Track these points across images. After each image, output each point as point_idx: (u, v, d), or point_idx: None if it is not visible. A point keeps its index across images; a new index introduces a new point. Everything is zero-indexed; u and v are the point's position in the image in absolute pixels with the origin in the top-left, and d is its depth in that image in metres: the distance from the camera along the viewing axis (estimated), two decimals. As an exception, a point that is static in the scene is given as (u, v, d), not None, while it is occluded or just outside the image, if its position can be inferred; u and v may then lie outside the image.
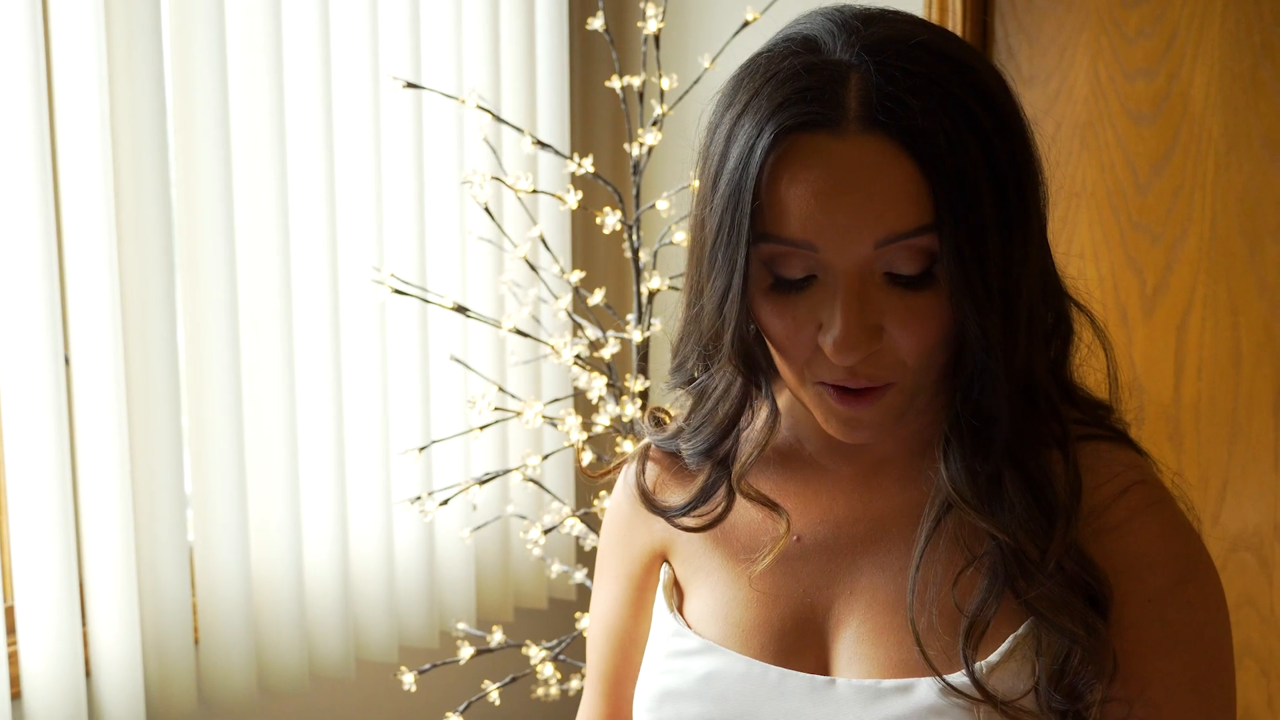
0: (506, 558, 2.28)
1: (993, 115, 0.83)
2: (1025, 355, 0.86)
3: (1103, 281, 2.06)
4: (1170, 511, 0.91)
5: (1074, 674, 0.86)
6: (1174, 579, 0.89)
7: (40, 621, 1.69)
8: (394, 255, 2.04)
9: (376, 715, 2.11)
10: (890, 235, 0.82)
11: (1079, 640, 0.85)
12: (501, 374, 2.18)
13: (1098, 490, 0.90)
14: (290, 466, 1.93)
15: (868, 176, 0.81)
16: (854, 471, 0.96)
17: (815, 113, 0.82)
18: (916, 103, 0.81)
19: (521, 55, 2.22)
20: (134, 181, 1.74)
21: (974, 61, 0.85)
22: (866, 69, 0.82)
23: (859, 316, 0.83)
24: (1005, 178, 0.83)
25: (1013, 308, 0.85)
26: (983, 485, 0.87)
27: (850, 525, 0.95)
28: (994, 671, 0.87)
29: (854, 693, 0.90)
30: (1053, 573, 0.86)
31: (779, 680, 0.92)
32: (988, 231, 0.82)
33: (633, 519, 1.04)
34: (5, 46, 1.60)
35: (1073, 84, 2.05)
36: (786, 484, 0.98)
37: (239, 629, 1.89)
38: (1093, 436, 0.94)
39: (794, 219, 0.83)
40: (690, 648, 0.96)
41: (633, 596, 1.05)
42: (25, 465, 1.67)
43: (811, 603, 0.94)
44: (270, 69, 1.86)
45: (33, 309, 1.65)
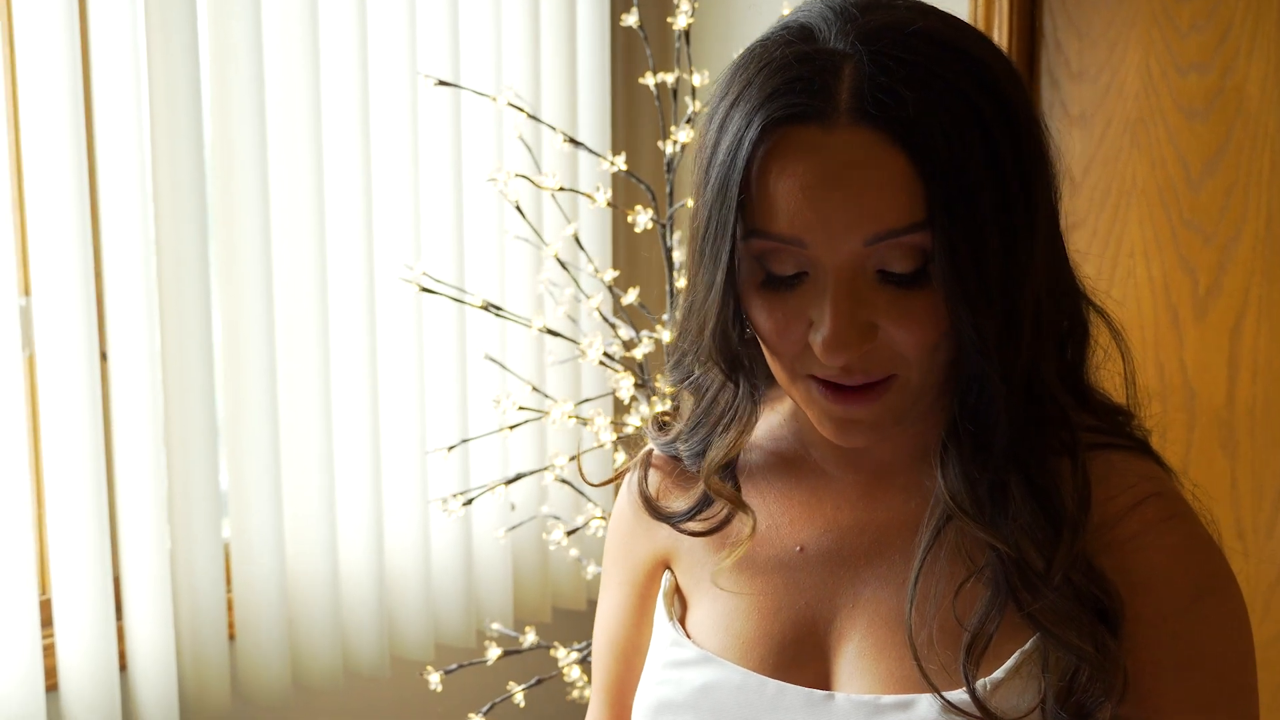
0: (544, 558, 2.27)
1: (997, 107, 0.79)
2: (1029, 359, 0.83)
3: (1153, 282, 2.00)
4: (1188, 526, 0.87)
5: (1081, 692, 0.82)
6: (1190, 596, 0.85)
7: (76, 615, 1.71)
8: (430, 254, 2.04)
9: (410, 713, 2.11)
10: (881, 232, 0.79)
11: (1086, 657, 0.82)
12: (540, 374, 2.17)
13: (1111, 502, 0.86)
14: (326, 464, 1.94)
15: (858, 171, 0.78)
16: (859, 480, 0.93)
17: (804, 104, 0.79)
18: (911, 94, 0.77)
19: (562, 52, 2.20)
20: (171, 180, 1.76)
21: (979, 50, 0.81)
22: (860, 59, 0.79)
23: (849, 315, 0.80)
24: (1008, 173, 0.79)
25: (1014, 309, 0.81)
26: (983, 494, 0.84)
27: (855, 535, 0.92)
28: (999, 688, 0.84)
29: (853, 708, 0.87)
30: (1059, 586, 0.82)
31: (777, 693, 0.89)
32: (987, 229, 0.79)
33: (635, 527, 1.02)
34: (44, 47, 1.62)
35: (1123, 79, 2.00)
36: (792, 492, 0.96)
37: (274, 625, 1.90)
38: (1108, 445, 0.90)
39: (782, 214, 0.80)
40: (688, 658, 0.94)
41: (635, 605, 1.03)
42: (62, 460, 1.69)
43: (813, 615, 0.92)
44: (307, 68, 1.87)
45: (70, 306, 1.67)
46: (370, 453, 1.99)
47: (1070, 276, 0.91)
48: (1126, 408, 0.96)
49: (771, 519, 0.95)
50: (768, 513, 0.96)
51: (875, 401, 0.84)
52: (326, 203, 1.92)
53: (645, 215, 1.68)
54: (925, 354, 0.82)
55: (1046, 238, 0.84)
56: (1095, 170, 2.03)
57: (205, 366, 1.81)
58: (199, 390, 1.81)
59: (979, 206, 0.78)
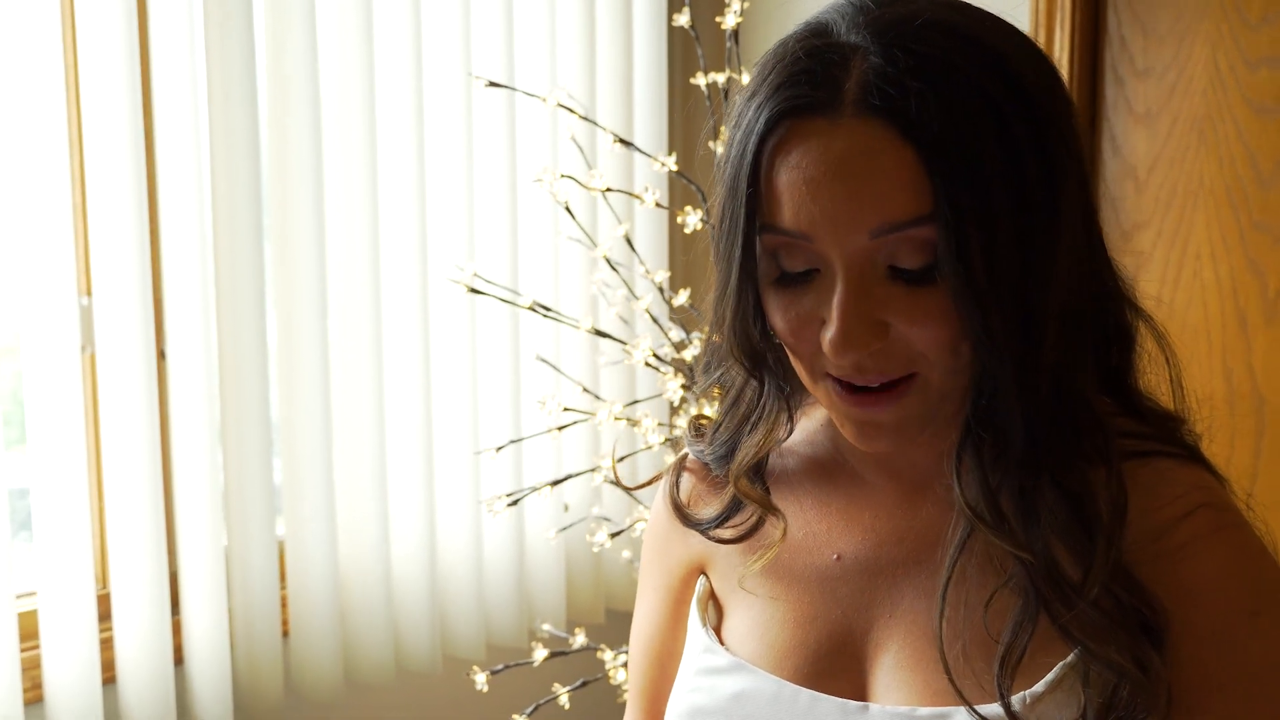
0: (597, 560, 2.27)
1: (1017, 100, 0.77)
2: (1053, 362, 0.80)
3: (1221, 285, 1.94)
4: (1241, 537, 0.84)
5: (1123, 708, 0.79)
6: (1244, 611, 0.82)
7: (134, 610, 1.74)
8: (484, 255, 2.05)
9: (461, 712, 2.12)
10: (886, 225, 0.77)
11: (1127, 673, 0.79)
12: (593, 375, 2.16)
13: (1159, 512, 0.83)
14: (379, 463, 1.95)
15: (861, 163, 0.76)
16: (898, 488, 0.91)
17: (810, 96, 0.77)
18: (918, 85, 0.75)
19: (618, 53, 2.20)
20: (227, 182, 1.78)
21: (1000, 42, 0.79)
22: (870, 51, 0.77)
23: (857, 313, 0.78)
24: (1027, 167, 0.77)
25: (1034, 310, 0.78)
26: (1006, 503, 0.81)
27: (893, 545, 0.90)
28: (1039, 702, 0.81)
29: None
30: (1096, 599, 0.80)
31: (810, 704, 0.88)
32: (1000, 225, 0.76)
33: (670, 532, 1.01)
34: (105, 53, 1.65)
35: (1190, 76, 1.94)
36: (829, 500, 0.94)
37: (327, 622, 1.92)
38: (1157, 453, 0.87)
39: (788, 208, 0.78)
40: (721, 665, 0.92)
41: (671, 611, 1.02)
42: (121, 457, 1.72)
43: (850, 625, 0.90)
44: (362, 70, 1.88)
45: (129, 306, 1.70)
46: (423, 452, 2.00)
47: (1111, 278, 0.88)
48: (1177, 414, 0.93)
49: (808, 527, 0.94)
50: (804, 520, 0.94)
51: (895, 403, 0.82)
52: (381, 204, 1.94)
53: (695, 216, 1.66)
54: (944, 353, 0.80)
55: (1076, 236, 0.81)
56: (1160, 169, 1.98)
57: (260, 366, 1.83)
58: (254, 389, 1.83)
59: (992, 201, 0.76)
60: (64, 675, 1.69)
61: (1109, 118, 2.01)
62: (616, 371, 2.19)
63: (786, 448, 0.96)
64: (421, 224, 1.97)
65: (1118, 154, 2.01)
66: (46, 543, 1.68)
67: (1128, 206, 2.01)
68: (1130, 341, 0.90)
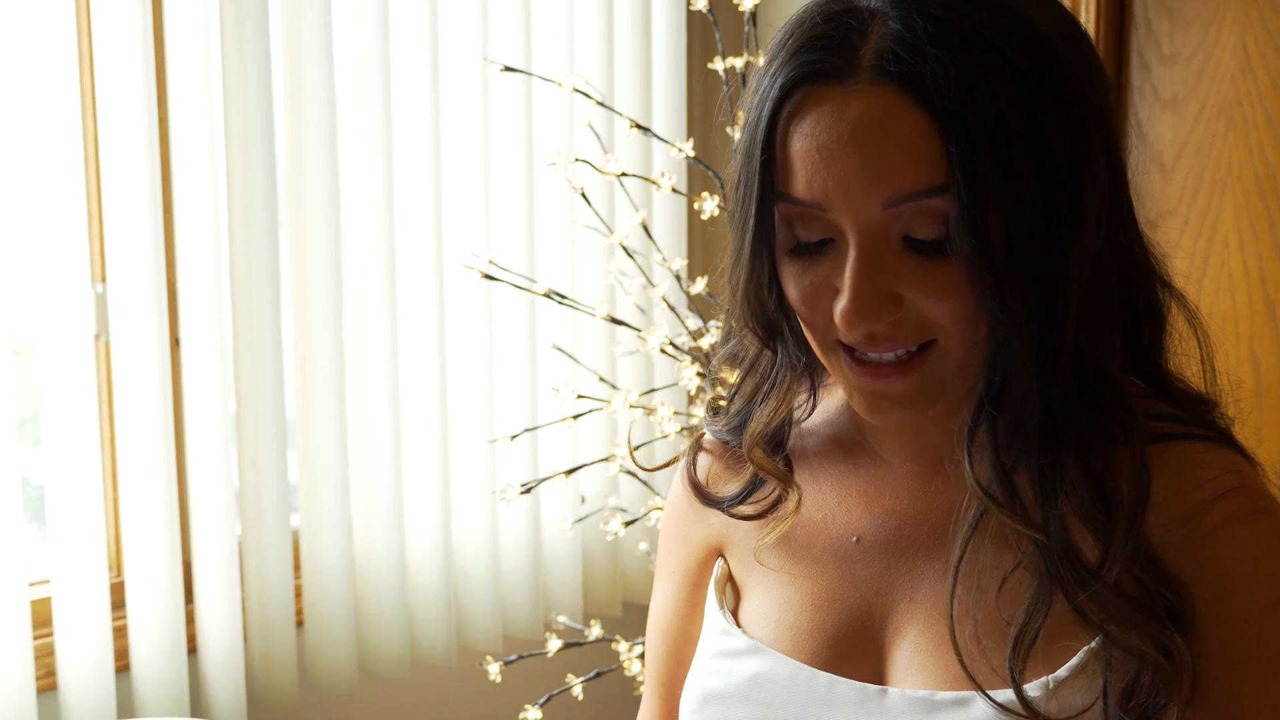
0: (614, 552, 2.25)
1: (1042, 68, 0.75)
2: (1075, 340, 0.77)
3: (1249, 274, 1.91)
4: (1271, 522, 0.81)
5: (1144, 694, 0.77)
6: (1274, 598, 0.79)
7: (148, 598, 1.73)
8: (501, 243, 2.03)
9: (476, 703, 2.10)
10: (899, 195, 0.75)
11: (1148, 659, 0.77)
12: (611, 364, 2.15)
13: (1188, 495, 0.81)
14: (394, 452, 1.94)
15: (875, 130, 0.74)
16: (919, 469, 0.89)
17: (825, 62, 0.76)
18: (936, 52, 0.73)
19: (636, 38, 2.18)
20: (242, 170, 1.77)
21: (1027, 8, 0.76)
22: (889, 17, 0.75)
23: (870, 283, 0.76)
24: (1051, 138, 0.74)
25: (1055, 284, 0.76)
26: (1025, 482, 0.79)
27: (913, 526, 0.88)
28: (1062, 687, 0.79)
29: (906, 704, 0.83)
30: (1119, 583, 0.77)
31: (828, 687, 0.86)
32: (1020, 196, 0.74)
33: (688, 514, 1.00)
34: (120, 43, 1.64)
35: (1218, 61, 1.91)
36: (849, 480, 0.92)
37: (342, 613, 1.91)
38: (1188, 436, 0.84)
39: (801, 176, 0.77)
40: (738, 648, 0.91)
41: (688, 594, 1.00)
42: (135, 444, 1.71)
43: (869, 608, 0.88)
44: (378, 57, 1.87)
45: (144, 293, 1.69)
46: (438, 443, 1.99)
47: (1143, 254, 0.86)
48: (1210, 396, 0.90)
49: (827, 507, 0.92)
50: (823, 500, 0.92)
51: (909, 374, 0.80)
52: (396, 192, 1.93)
53: (712, 202, 1.64)
54: (961, 326, 0.78)
55: (1105, 209, 0.79)
56: (1188, 157, 1.94)
57: (275, 353, 1.82)
58: (269, 377, 1.82)
59: (1012, 172, 0.74)
60: (77, 663, 1.68)
61: (1135, 104, 1.98)
62: (634, 360, 2.17)
63: (807, 428, 0.95)
64: (437, 212, 1.95)
65: (1144, 141, 1.98)
66: (60, 531, 1.67)
67: (1154, 194, 1.98)
68: (1161, 321, 0.87)
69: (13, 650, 1.62)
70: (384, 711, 2.05)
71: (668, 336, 1.66)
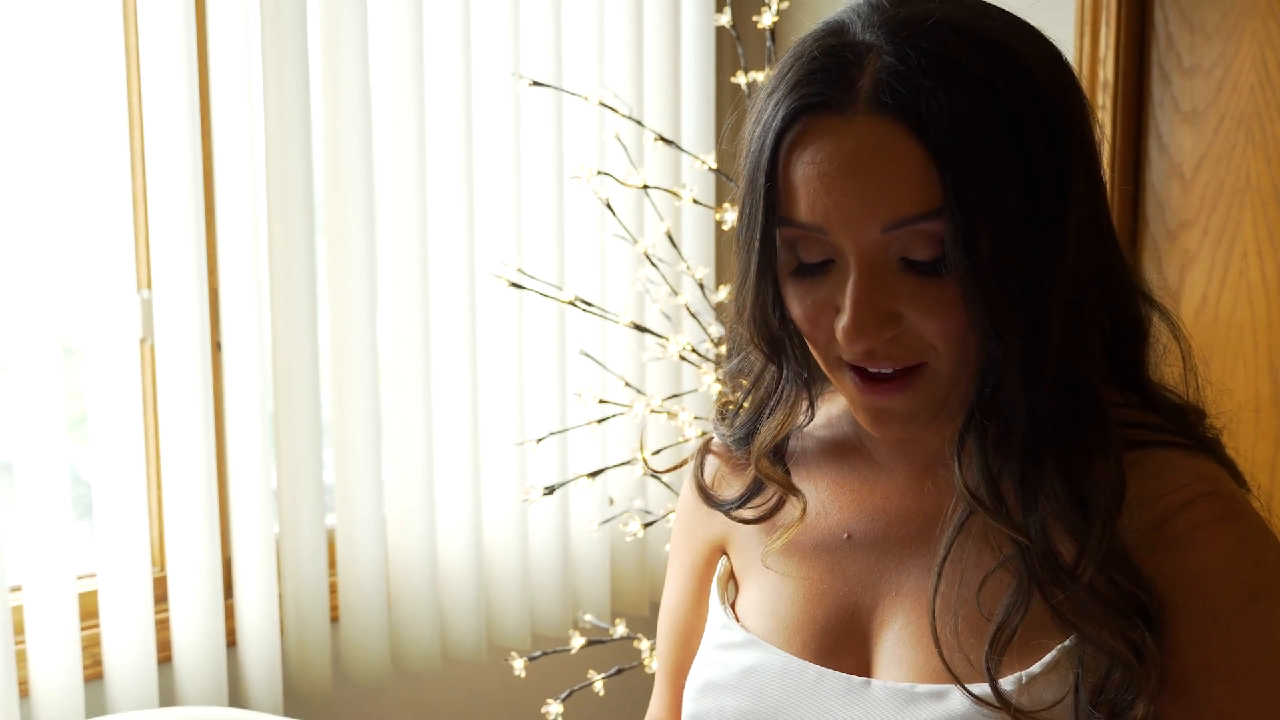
0: (642, 552, 2.30)
1: (1027, 97, 0.79)
2: (1059, 353, 0.82)
3: (1267, 285, 1.93)
4: (1243, 526, 0.84)
5: (1114, 691, 0.81)
6: (1244, 598, 0.83)
7: (189, 592, 1.80)
8: (531, 252, 2.08)
9: (505, 699, 2.16)
10: (896, 219, 0.79)
11: (1119, 657, 0.81)
12: (640, 370, 2.20)
13: (1162, 499, 0.84)
14: (427, 454, 2.00)
15: (873, 159, 0.79)
16: (910, 470, 0.94)
17: (824, 94, 0.80)
18: (929, 84, 0.78)
19: (665, 53, 2.23)
20: (282, 181, 1.84)
21: (1012, 40, 0.81)
22: (883, 50, 0.80)
23: (869, 303, 0.81)
24: (1037, 163, 0.79)
25: (1040, 302, 0.80)
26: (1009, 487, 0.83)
27: (902, 524, 0.93)
28: (1034, 682, 0.83)
29: (888, 695, 0.87)
30: (1092, 584, 0.81)
31: (816, 679, 0.90)
32: (1008, 219, 0.78)
33: (696, 513, 1.05)
34: (165, 58, 1.72)
35: (1238, 74, 1.93)
36: (844, 480, 0.97)
37: (375, 609, 1.97)
38: (1166, 444, 0.88)
39: (803, 202, 0.82)
40: (735, 641, 0.95)
41: (695, 589, 1.05)
42: (178, 444, 1.78)
43: (857, 602, 0.93)
44: (412, 72, 1.93)
45: (187, 299, 1.76)
46: (470, 445, 2.05)
47: (1122, 271, 0.90)
48: (1197, 407, 0.94)
49: (822, 506, 0.97)
50: (819, 499, 0.97)
51: (906, 391, 0.84)
52: (430, 202, 1.99)
53: (733, 213, 1.69)
54: (953, 344, 0.82)
55: (1085, 231, 0.83)
56: (1207, 168, 1.96)
57: (312, 358, 1.89)
58: (306, 381, 1.88)
59: (1000, 196, 0.78)
60: (122, 654, 1.75)
61: (1155, 116, 2.00)
62: (662, 367, 2.22)
63: (807, 431, 1.00)
64: (470, 221, 2.01)
65: (1164, 152, 2.00)
66: (106, 527, 1.74)
67: (1174, 205, 2.00)
68: (1143, 334, 0.91)
69: (62, 640, 1.69)
70: (415, 705, 2.11)
71: (689, 344, 1.71)
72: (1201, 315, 1.99)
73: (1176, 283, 2.01)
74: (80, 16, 1.68)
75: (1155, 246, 2.02)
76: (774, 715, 0.91)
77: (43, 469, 1.67)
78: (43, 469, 1.67)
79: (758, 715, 0.92)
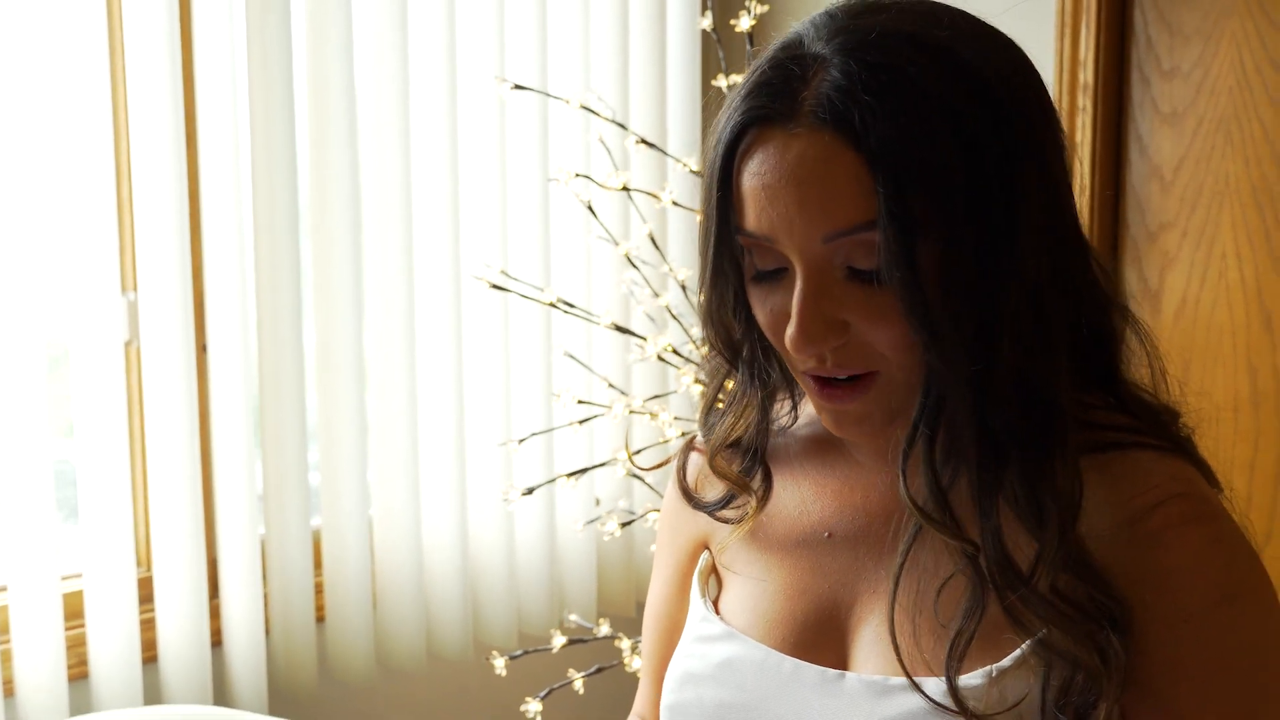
0: (629, 553, 2.31)
1: (977, 106, 0.80)
2: (1013, 362, 0.82)
3: (1245, 285, 1.94)
4: (1213, 528, 0.85)
5: (1078, 693, 0.82)
6: (1214, 599, 0.83)
7: (174, 592, 1.81)
8: (517, 254, 2.10)
9: (490, 697, 2.17)
10: (835, 230, 0.81)
11: (1080, 661, 0.82)
12: (625, 372, 2.21)
13: (1133, 501, 0.85)
14: (412, 455, 2.01)
15: (813, 171, 0.81)
16: (888, 470, 0.95)
17: (769, 107, 0.82)
18: (868, 98, 0.79)
19: (650, 56, 2.24)
20: (267, 182, 1.85)
21: (964, 48, 0.82)
22: (831, 64, 0.81)
23: (815, 311, 0.83)
24: (988, 172, 0.80)
25: (988, 311, 0.81)
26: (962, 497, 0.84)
27: (881, 523, 0.94)
28: (1005, 676, 0.84)
29: (861, 687, 0.89)
30: (1056, 588, 0.82)
31: (793, 671, 0.92)
32: (950, 230, 0.79)
33: (680, 511, 1.06)
34: (150, 62, 1.73)
35: (1216, 76, 1.94)
36: (826, 478, 0.98)
37: (361, 609, 1.98)
38: (1137, 445, 0.88)
39: (751, 212, 0.83)
40: (714, 633, 0.97)
41: (679, 585, 1.07)
42: (163, 445, 1.79)
43: (836, 598, 0.94)
44: (397, 75, 1.94)
45: (172, 301, 1.77)
46: (455, 446, 2.06)
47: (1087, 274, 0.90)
48: (1170, 408, 0.94)
49: (804, 504, 0.98)
50: (801, 498, 0.98)
51: (861, 396, 0.86)
52: (415, 204, 2.00)
53: (713, 215, 1.70)
54: (901, 352, 0.83)
55: (1042, 242, 0.83)
56: (1186, 170, 1.98)
57: (297, 359, 1.90)
58: (291, 382, 1.89)
59: (944, 206, 0.79)
60: (107, 653, 1.76)
61: (1135, 118, 2.02)
62: (647, 368, 2.23)
63: (791, 430, 1.01)
64: (455, 224, 2.03)
65: (1144, 154, 2.02)
66: (92, 527, 1.75)
67: (1154, 207, 2.02)
68: (1114, 339, 0.91)
69: (47, 640, 1.70)
70: (401, 704, 2.12)
71: (670, 344, 1.72)
72: (1181, 316, 2.00)
73: (1157, 284, 2.02)
74: (65, 19, 1.69)
75: (1136, 248, 2.04)
76: (751, 706, 0.92)
77: (28, 469, 1.68)
78: (28, 469, 1.68)
79: (735, 706, 0.93)
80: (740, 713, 0.93)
